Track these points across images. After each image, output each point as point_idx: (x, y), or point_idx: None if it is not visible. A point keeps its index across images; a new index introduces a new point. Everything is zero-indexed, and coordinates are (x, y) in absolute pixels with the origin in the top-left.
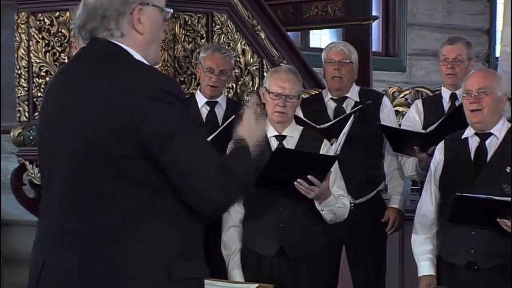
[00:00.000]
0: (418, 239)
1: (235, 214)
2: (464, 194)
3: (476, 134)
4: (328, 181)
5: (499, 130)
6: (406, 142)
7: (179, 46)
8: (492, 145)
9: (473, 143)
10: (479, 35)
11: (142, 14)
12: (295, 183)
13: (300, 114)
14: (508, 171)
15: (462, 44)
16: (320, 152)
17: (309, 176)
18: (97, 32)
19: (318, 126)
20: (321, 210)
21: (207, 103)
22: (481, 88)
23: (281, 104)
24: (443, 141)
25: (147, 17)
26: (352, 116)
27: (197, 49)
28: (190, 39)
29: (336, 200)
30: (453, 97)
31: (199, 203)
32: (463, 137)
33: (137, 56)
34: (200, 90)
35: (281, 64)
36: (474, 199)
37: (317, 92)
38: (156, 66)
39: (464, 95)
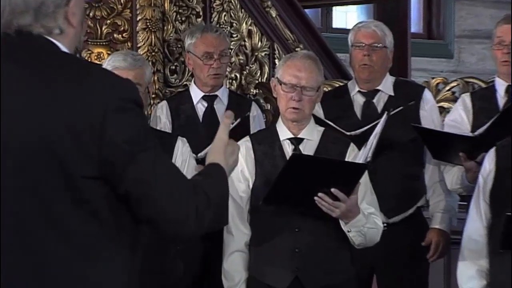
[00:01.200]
0: (466, 271)
1: (239, 236)
2: None
3: None
4: (356, 196)
5: None
6: (449, 147)
7: (169, 27)
8: None
9: None
10: None
11: (75, 3)
12: (315, 198)
13: (319, 113)
14: None
15: None
16: (346, 158)
17: (333, 190)
18: (30, 29)
19: (347, 133)
20: (348, 232)
21: (204, 97)
22: None
23: (296, 98)
24: (494, 147)
25: (77, 7)
26: (385, 115)
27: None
28: (183, 18)
29: (366, 219)
30: (510, 90)
31: (166, 219)
32: None
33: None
34: (194, 82)
35: (296, 50)
36: None
37: (341, 84)
38: (141, 52)
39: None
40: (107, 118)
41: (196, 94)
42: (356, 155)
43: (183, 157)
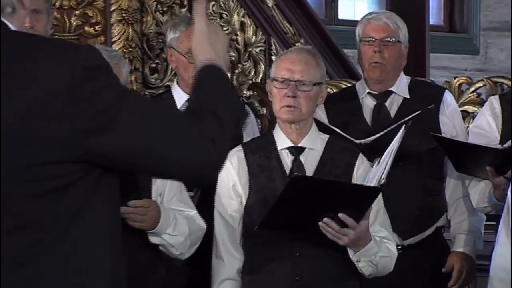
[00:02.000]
0: None
1: (231, 262)
2: None
3: None
4: (367, 221)
5: None
6: (474, 160)
7: (149, 19)
8: None
9: None
10: None
11: None
12: (320, 223)
13: (323, 118)
14: None
15: None
16: (354, 172)
17: (340, 215)
18: None
19: (357, 141)
20: (357, 262)
21: (189, 100)
22: None
23: (290, 93)
24: None
25: None
26: (403, 128)
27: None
28: (164, 8)
29: (378, 246)
30: None
31: (184, 171)
32: None
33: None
34: (177, 82)
35: (296, 44)
36: None
37: (348, 84)
38: (117, 47)
39: None
40: (74, 92)
41: (179, 96)
42: (366, 167)
43: None
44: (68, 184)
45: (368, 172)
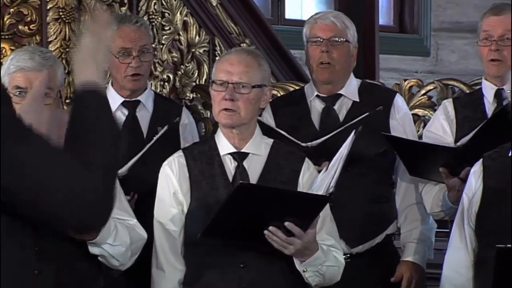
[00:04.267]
0: None
1: (172, 273)
2: (509, 246)
3: None
4: (314, 230)
5: None
6: (427, 161)
7: (87, 17)
8: None
9: None
10: None
11: None
12: (265, 232)
13: (270, 123)
14: None
15: None
16: (300, 178)
17: (287, 223)
18: None
19: (303, 144)
20: (304, 272)
21: (124, 104)
22: None
23: (227, 96)
24: (480, 160)
25: None
26: (352, 134)
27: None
28: (103, 7)
29: (325, 255)
30: (500, 95)
31: (67, 222)
32: (511, 153)
33: None
34: (112, 85)
35: (241, 45)
36: None
37: (296, 87)
38: (52, 48)
39: None
40: None
41: (114, 99)
42: (312, 173)
43: None
44: None
45: (315, 179)
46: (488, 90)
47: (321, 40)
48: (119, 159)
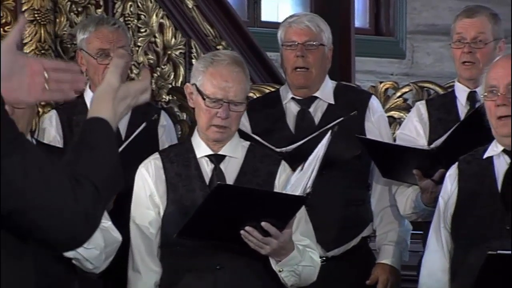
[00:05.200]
0: None
1: (148, 275)
2: (499, 252)
3: (505, 151)
4: (290, 230)
5: None
6: (401, 163)
7: (62, 19)
8: None
9: (500, 165)
10: None
11: None
12: (242, 232)
13: (246, 125)
14: None
15: (486, 16)
16: (276, 181)
17: (263, 224)
18: None
19: (277, 150)
20: (279, 272)
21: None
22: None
23: (223, 115)
24: (456, 163)
25: None
26: (328, 134)
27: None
28: (79, 9)
29: (301, 255)
30: (472, 97)
31: (51, 239)
32: (485, 156)
33: None
34: (90, 87)
35: (218, 48)
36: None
37: (272, 89)
38: (28, 50)
39: (487, 94)
40: None
41: (92, 97)
42: (288, 176)
43: None
44: None
45: (289, 178)
46: (461, 92)
47: (296, 44)
48: (116, 190)
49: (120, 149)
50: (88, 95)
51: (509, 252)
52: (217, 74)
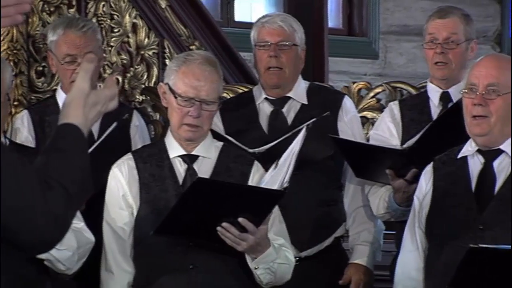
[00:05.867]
0: None
1: (121, 275)
2: (481, 245)
3: (479, 151)
4: (266, 226)
5: None
6: (374, 163)
7: (35, 19)
8: (503, 168)
9: (475, 164)
10: (486, 5)
11: None
12: (218, 228)
13: (219, 126)
14: None
15: (458, 17)
16: (249, 181)
17: (240, 219)
18: None
19: (250, 150)
20: (255, 269)
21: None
22: (492, 84)
23: (195, 114)
24: (431, 164)
25: None
26: (304, 130)
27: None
28: (52, 8)
29: (277, 253)
30: (445, 97)
31: (21, 240)
32: (459, 155)
33: None
34: (62, 88)
35: (191, 48)
36: (494, 252)
37: (245, 89)
38: (1, 49)
39: (466, 91)
40: None
41: (63, 102)
42: (261, 175)
43: None
44: None
45: (263, 176)
46: (434, 93)
47: (269, 44)
48: (86, 194)
49: (91, 148)
50: (60, 96)
51: (492, 246)
52: (189, 73)
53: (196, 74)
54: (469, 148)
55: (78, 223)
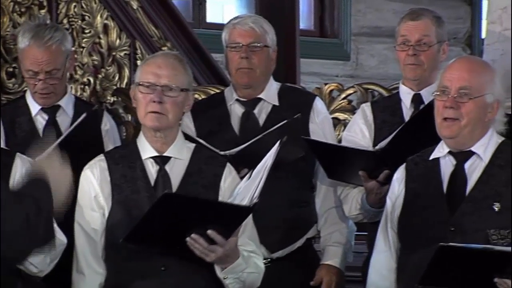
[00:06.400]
0: None
1: (92, 277)
2: (451, 244)
3: (450, 153)
4: (236, 238)
5: (483, 148)
6: (346, 164)
7: (5, 20)
8: (474, 169)
9: (447, 166)
10: (457, 6)
11: None
12: (187, 239)
13: (190, 127)
14: (497, 209)
15: (430, 19)
16: (222, 183)
17: (209, 232)
18: None
19: (221, 153)
20: (224, 279)
21: (44, 109)
22: (464, 87)
23: (156, 99)
24: (403, 165)
25: None
26: (277, 144)
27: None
28: (22, 9)
29: (246, 263)
30: (417, 99)
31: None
32: (431, 157)
33: None
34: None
35: (163, 48)
36: (464, 251)
37: (217, 90)
38: None
39: (438, 93)
40: None
41: (34, 104)
42: (234, 178)
43: None
44: None
45: (237, 185)
46: (406, 94)
47: (241, 45)
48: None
49: (60, 139)
50: (29, 97)
51: (461, 244)
52: (152, 62)
53: (158, 62)
54: (441, 150)
55: None
